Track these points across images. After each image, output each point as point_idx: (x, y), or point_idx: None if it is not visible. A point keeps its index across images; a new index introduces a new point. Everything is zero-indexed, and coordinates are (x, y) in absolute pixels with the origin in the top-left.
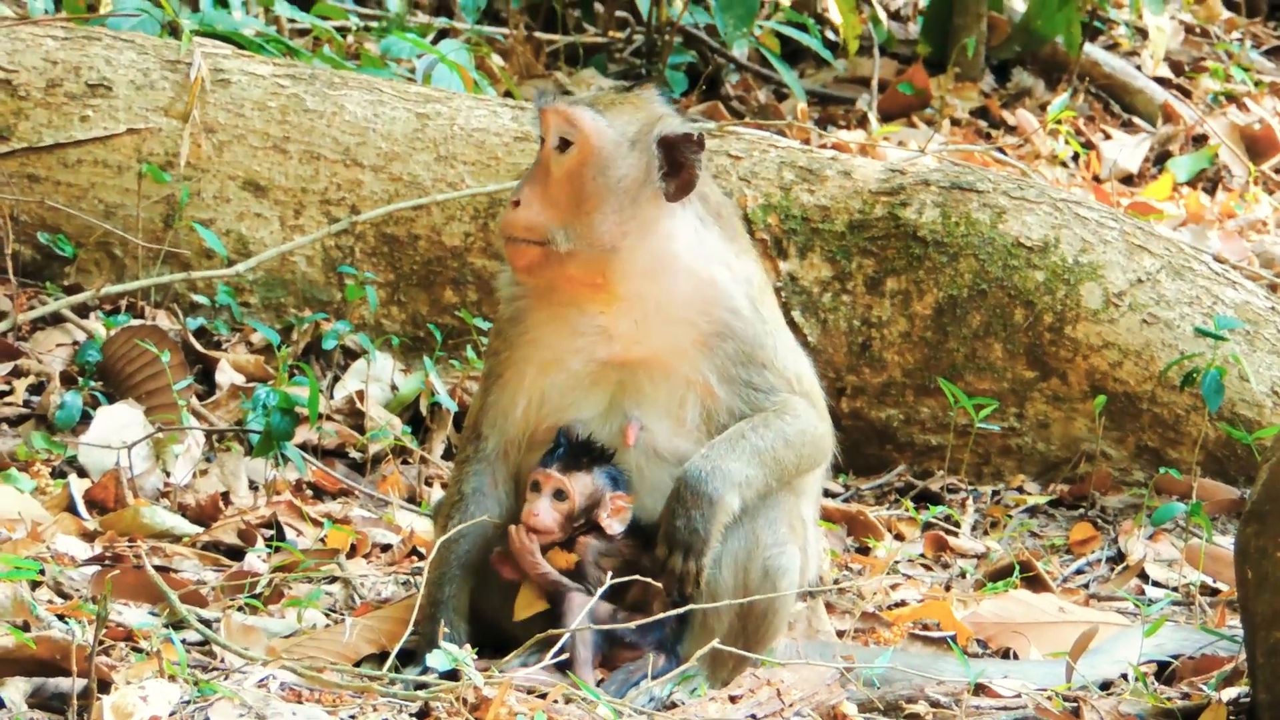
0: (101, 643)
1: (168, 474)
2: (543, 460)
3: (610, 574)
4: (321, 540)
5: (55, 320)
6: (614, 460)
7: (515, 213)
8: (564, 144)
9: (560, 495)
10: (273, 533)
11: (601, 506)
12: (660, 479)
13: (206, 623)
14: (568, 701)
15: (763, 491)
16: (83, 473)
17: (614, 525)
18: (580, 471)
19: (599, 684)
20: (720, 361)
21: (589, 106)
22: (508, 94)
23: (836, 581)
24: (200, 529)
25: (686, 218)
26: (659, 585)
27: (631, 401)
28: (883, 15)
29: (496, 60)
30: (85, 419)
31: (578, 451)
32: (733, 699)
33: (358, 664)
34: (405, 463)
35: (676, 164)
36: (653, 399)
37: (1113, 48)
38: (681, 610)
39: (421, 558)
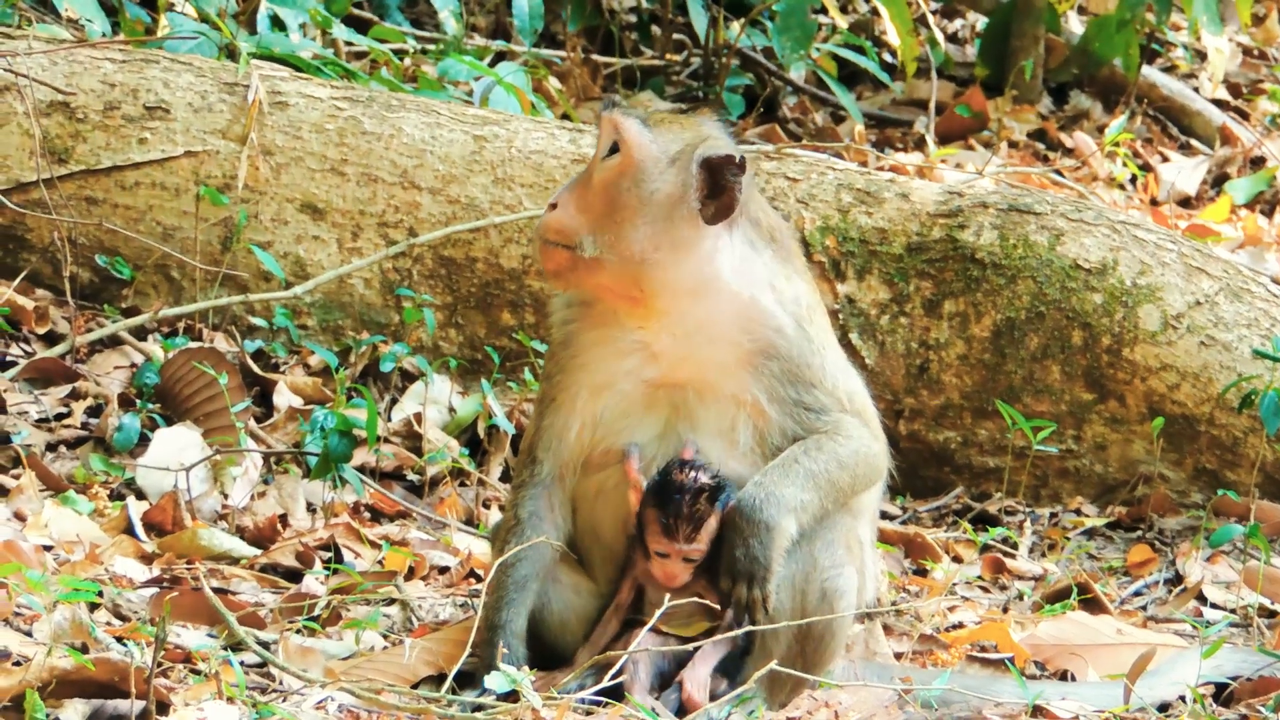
0: (160, 664)
1: (226, 496)
2: (664, 527)
3: (669, 598)
4: (379, 562)
5: (113, 342)
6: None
7: (550, 215)
8: (611, 152)
9: (690, 557)
10: (331, 555)
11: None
12: None
13: (265, 644)
14: None
15: (819, 514)
16: (141, 495)
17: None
18: (706, 522)
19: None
20: (768, 381)
21: (639, 119)
22: (565, 116)
23: (894, 603)
24: (258, 551)
25: (733, 241)
26: (717, 607)
27: (685, 425)
28: (940, 38)
29: (554, 83)
30: (143, 441)
31: (696, 500)
32: None
33: (415, 686)
34: (463, 485)
35: (719, 187)
36: (705, 421)
37: (1171, 70)
38: (740, 631)
39: (479, 580)
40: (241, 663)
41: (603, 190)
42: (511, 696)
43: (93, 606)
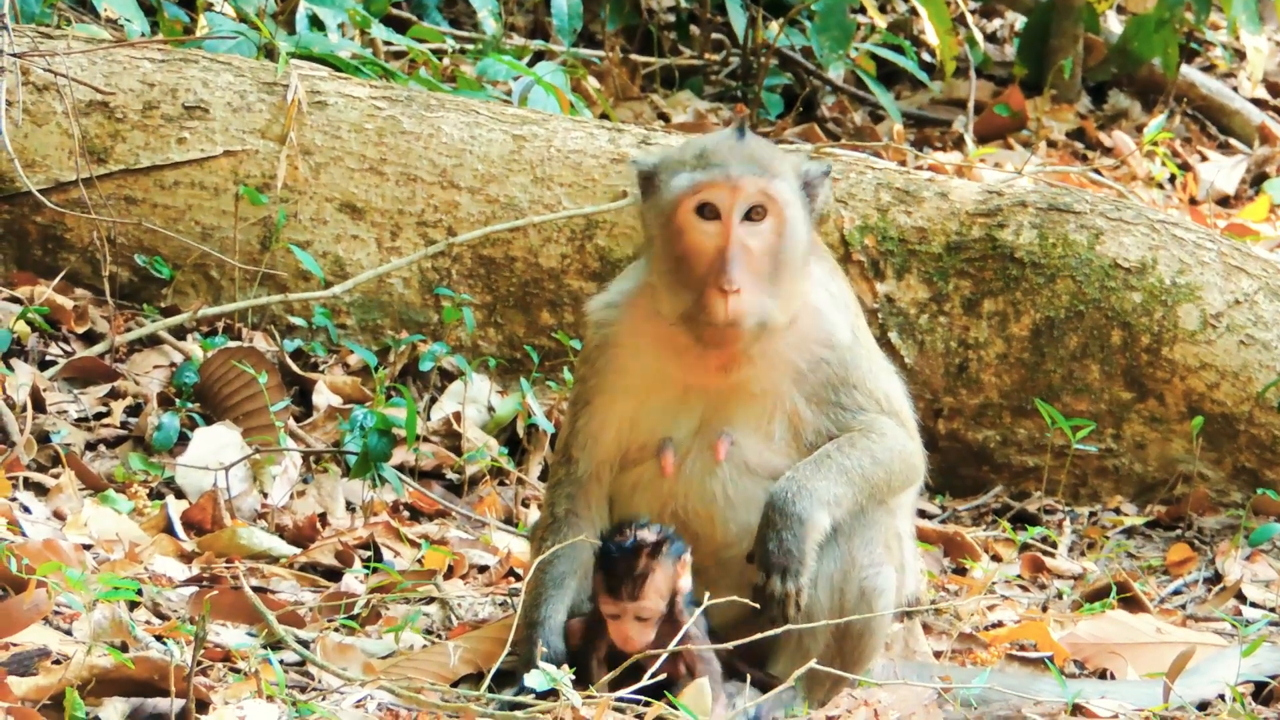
0: (200, 663)
1: (265, 495)
2: (607, 586)
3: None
4: (419, 561)
5: (153, 342)
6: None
7: (739, 301)
8: (753, 215)
9: (641, 615)
10: (370, 554)
11: (677, 579)
12: (752, 492)
13: (304, 643)
14: None
15: (853, 510)
16: (180, 494)
17: (687, 580)
18: (650, 577)
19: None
20: (811, 386)
21: (775, 176)
22: (604, 116)
23: (934, 602)
24: (298, 550)
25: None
26: (755, 605)
27: (721, 420)
28: (979, 37)
29: (592, 82)
30: (183, 440)
31: (636, 556)
32: (830, 719)
33: (455, 684)
34: (502, 484)
35: (811, 196)
36: (743, 417)
37: (1209, 69)
38: (779, 630)
39: (518, 578)
40: (281, 661)
41: (768, 256)
42: (551, 694)
43: (132, 605)
